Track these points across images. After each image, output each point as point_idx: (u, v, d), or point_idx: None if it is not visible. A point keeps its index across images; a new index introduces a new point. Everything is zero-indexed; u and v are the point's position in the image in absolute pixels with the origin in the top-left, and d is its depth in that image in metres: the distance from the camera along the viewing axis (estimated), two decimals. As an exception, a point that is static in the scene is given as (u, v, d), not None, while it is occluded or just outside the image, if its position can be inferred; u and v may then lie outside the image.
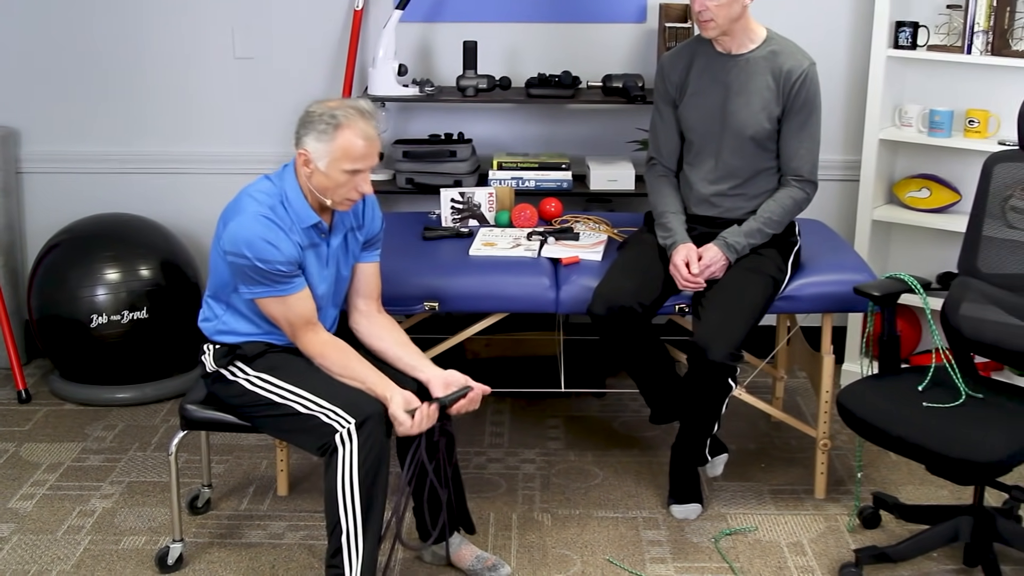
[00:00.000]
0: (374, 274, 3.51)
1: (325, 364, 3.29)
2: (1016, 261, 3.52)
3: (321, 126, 3.19)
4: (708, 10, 3.66)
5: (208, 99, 5.00)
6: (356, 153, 3.19)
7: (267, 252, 3.17)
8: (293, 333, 3.29)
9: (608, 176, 4.68)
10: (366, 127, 3.20)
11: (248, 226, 3.19)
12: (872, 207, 4.72)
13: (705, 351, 3.59)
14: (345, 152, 3.18)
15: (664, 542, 3.74)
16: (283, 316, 3.27)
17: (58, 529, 3.80)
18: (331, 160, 3.19)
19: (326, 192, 3.24)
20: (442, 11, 4.88)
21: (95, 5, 4.90)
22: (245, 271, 3.21)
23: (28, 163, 5.05)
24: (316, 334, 3.30)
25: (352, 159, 3.19)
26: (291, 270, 3.22)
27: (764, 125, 3.78)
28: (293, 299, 3.25)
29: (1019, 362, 3.57)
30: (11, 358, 4.79)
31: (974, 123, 4.50)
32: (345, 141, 3.18)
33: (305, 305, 3.28)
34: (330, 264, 3.37)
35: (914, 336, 4.85)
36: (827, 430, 3.96)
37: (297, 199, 3.27)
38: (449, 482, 3.43)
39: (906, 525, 3.79)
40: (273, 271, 3.19)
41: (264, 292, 3.24)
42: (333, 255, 3.37)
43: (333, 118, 3.18)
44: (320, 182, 3.23)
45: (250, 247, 3.17)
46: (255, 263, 3.18)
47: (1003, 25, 4.38)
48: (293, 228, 3.25)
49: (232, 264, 3.23)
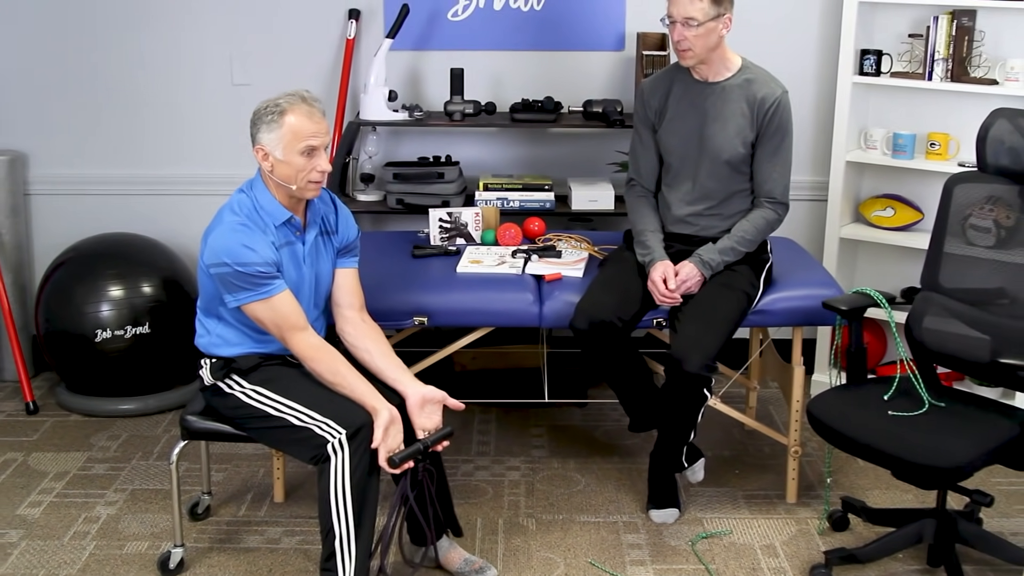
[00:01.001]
0: (354, 279, 3.50)
1: (315, 368, 3.27)
2: (975, 276, 3.52)
3: (268, 117, 3.22)
4: (686, 40, 3.66)
5: (208, 124, 4.98)
6: (305, 131, 3.20)
7: (245, 255, 3.17)
8: (283, 336, 3.27)
9: (589, 196, 4.68)
10: (308, 108, 3.23)
11: (225, 235, 3.21)
12: (840, 226, 4.72)
13: (682, 363, 3.58)
14: (295, 133, 3.19)
15: (643, 545, 3.73)
16: (271, 320, 3.25)
17: (64, 535, 3.77)
18: (284, 145, 3.20)
19: (290, 179, 3.24)
20: (430, 40, 4.88)
21: (100, 36, 4.89)
22: (228, 279, 3.20)
23: (36, 185, 5.03)
24: (305, 336, 3.28)
25: (303, 137, 3.20)
26: (270, 271, 3.21)
27: (739, 149, 3.77)
28: (277, 300, 3.24)
29: (979, 372, 3.57)
30: (19, 371, 4.77)
31: (935, 146, 4.50)
32: (292, 123, 3.20)
33: (290, 307, 3.26)
34: (306, 262, 3.36)
35: (880, 348, 4.86)
36: (798, 438, 3.96)
37: (268, 201, 3.28)
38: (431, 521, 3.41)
39: (873, 528, 3.79)
40: (253, 273, 3.18)
41: (248, 297, 3.22)
42: (309, 254, 3.36)
43: (276, 106, 3.22)
44: (282, 172, 3.23)
45: (228, 253, 3.17)
46: (235, 268, 3.17)
47: (962, 53, 4.39)
48: (268, 229, 3.26)
49: (216, 275, 3.23)
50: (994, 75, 4.40)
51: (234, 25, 4.88)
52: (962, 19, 4.36)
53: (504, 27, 4.86)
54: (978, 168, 3.51)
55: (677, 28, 3.66)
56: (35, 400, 4.73)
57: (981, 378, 3.85)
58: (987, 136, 3.43)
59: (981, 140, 3.45)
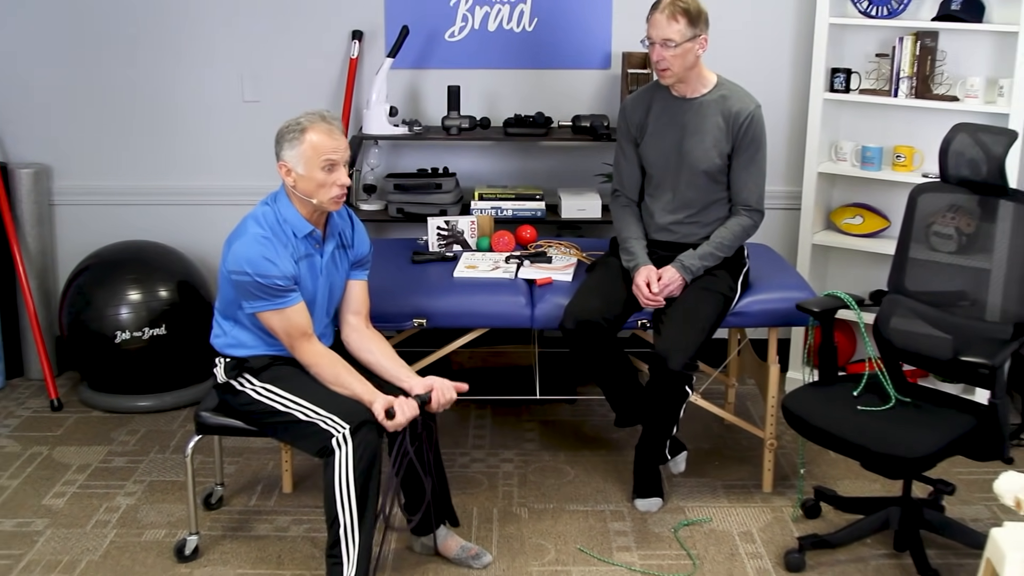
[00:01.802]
0: (363, 291, 3.51)
1: (318, 372, 3.29)
2: (939, 280, 3.54)
3: (290, 135, 3.23)
4: (665, 60, 3.68)
5: (220, 138, 4.99)
6: (325, 147, 3.21)
7: (266, 267, 3.18)
8: (290, 343, 3.29)
9: (577, 206, 4.69)
10: (328, 126, 3.24)
11: (249, 246, 3.20)
12: (812, 232, 4.73)
13: (665, 361, 3.59)
14: (315, 149, 3.20)
15: (629, 532, 3.74)
16: (281, 328, 3.26)
17: (87, 523, 3.78)
18: (306, 161, 3.21)
19: (312, 193, 3.24)
20: (429, 59, 4.89)
21: (121, 58, 4.89)
22: (247, 287, 3.21)
23: (59, 196, 5.03)
24: (311, 344, 3.29)
25: (322, 153, 3.21)
26: (288, 284, 3.22)
27: (716, 161, 3.79)
28: (290, 311, 3.25)
29: (942, 370, 3.58)
30: (44, 370, 4.77)
31: (901, 158, 4.52)
32: (313, 140, 3.21)
33: (301, 318, 3.27)
34: (323, 274, 3.36)
35: (850, 347, 4.86)
36: (773, 431, 3.97)
37: (291, 214, 3.28)
38: (432, 469, 3.41)
39: (843, 515, 3.80)
40: (271, 285, 3.19)
41: (264, 306, 3.23)
42: (326, 266, 3.37)
43: (298, 124, 3.23)
44: (304, 186, 3.24)
45: (251, 264, 3.17)
46: (255, 279, 3.18)
47: (925, 72, 4.41)
48: (289, 242, 3.25)
49: (235, 282, 3.23)
50: (955, 92, 4.42)
51: (245, 46, 4.89)
52: (925, 40, 4.38)
53: (498, 47, 4.88)
54: (941, 179, 3.52)
55: (656, 49, 3.68)
56: (59, 397, 4.73)
57: (943, 375, 3.86)
58: (949, 149, 3.44)
59: (943, 152, 3.47)
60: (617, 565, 3.54)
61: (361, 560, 3.14)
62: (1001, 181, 3.36)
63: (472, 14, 4.85)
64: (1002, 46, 4.34)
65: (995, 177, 3.36)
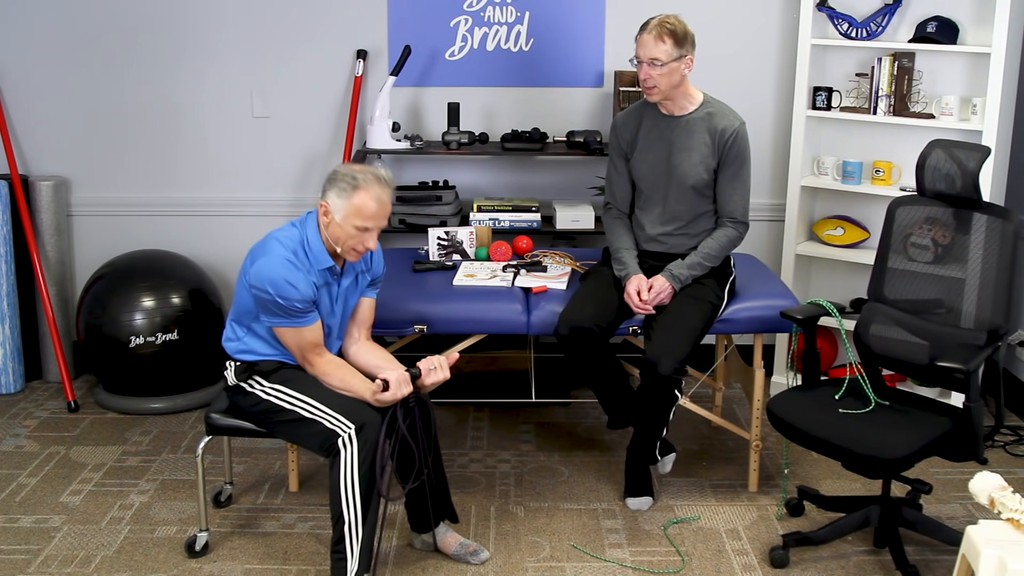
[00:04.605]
0: (371, 307, 3.51)
1: (327, 381, 3.28)
2: (916, 288, 3.53)
3: (342, 184, 3.16)
4: (651, 78, 3.67)
5: (230, 152, 4.98)
6: (367, 213, 3.16)
7: (287, 291, 3.15)
8: (302, 356, 3.28)
9: (572, 217, 4.68)
10: (380, 192, 3.17)
11: (272, 267, 3.15)
12: (795, 243, 4.73)
13: (655, 366, 3.59)
14: (358, 211, 3.15)
15: (621, 530, 3.73)
16: (295, 343, 3.25)
17: (102, 520, 3.77)
18: (345, 215, 3.16)
19: (337, 241, 3.21)
20: (430, 77, 4.89)
21: (136, 74, 4.89)
22: (267, 304, 3.19)
23: (77, 207, 5.02)
24: (321, 357, 3.29)
25: (363, 217, 3.16)
26: (307, 307, 3.20)
27: (703, 176, 3.78)
28: (306, 330, 3.24)
29: (919, 374, 3.58)
30: (62, 373, 4.77)
31: (880, 172, 4.52)
32: (360, 201, 3.14)
33: (315, 334, 3.26)
34: (339, 301, 3.35)
35: (831, 353, 4.86)
36: (759, 433, 3.96)
37: (316, 243, 3.24)
38: (424, 444, 3.34)
39: (825, 513, 3.79)
40: (291, 307, 3.17)
41: (282, 323, 3.22)
42: (342, 294, 3.35)
43: (354, 179, 3.15)
44: (334, 232, 3.20)
45: (273, 285, 3.15)
46: (276, 299, 3.15)
47: (902, 91, 4.41)
48: (311, 270, 3.22)
49: (256, 297, 3.21)
50: (931, 110, 4.43)
51: (255, 64, 4.88)
52: (902, 60, 4.39)
53: (496, 66, 4.88)
54: (918, 192, 3.52)
55: (644, 68, 3.67)
56: (76, 399, 4.72)
57: (920, 379, 3.85)
58: (925, 164, 3.44)
59: (920, 167, 3.46)
60: (609, 561, 3.53)
61: (363, 556, 3.14)
62: (975, 195, 3.35)
63: (471, 34, 4.84)
64: (975, 66, 4.35)
65: (969, 191, 3.35)
